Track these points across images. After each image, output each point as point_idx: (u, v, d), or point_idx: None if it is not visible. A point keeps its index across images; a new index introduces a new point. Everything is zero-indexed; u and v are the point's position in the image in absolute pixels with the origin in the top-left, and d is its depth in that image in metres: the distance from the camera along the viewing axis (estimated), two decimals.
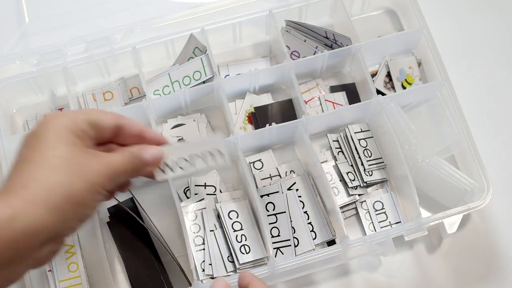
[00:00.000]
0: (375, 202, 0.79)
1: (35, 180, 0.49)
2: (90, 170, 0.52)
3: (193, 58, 0.84)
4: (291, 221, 0.77)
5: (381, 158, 0.82)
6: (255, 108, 0.84)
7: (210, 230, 0.76)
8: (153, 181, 0.81)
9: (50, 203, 0.49)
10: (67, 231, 0.52)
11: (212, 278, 0.74)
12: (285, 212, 0.77)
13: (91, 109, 0.57)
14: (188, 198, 0.79)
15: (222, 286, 0.56)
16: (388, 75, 0.87)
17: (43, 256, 0.52)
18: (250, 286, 0.55)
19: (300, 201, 0.78)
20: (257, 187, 0.79)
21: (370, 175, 0.80)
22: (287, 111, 0.84)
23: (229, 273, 0.74)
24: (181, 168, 0.56)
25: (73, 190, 0.50)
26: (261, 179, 0.80)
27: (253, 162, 0.82)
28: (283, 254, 0.76)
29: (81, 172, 0.51)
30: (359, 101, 0.85)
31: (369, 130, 0.83)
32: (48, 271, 0.75)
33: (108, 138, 0.59)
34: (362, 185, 0.80)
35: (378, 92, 0.84)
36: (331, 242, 0.77)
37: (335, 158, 0.82)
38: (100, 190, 0.52)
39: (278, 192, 0.78)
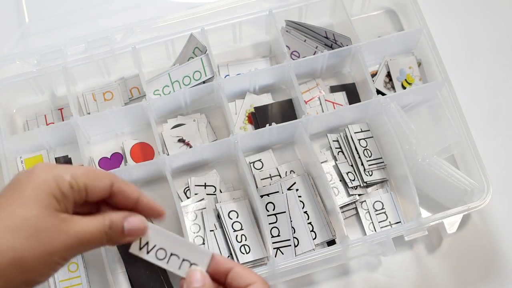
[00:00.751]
0: (375, 202, 0.79)
1: None
2: (54, 240, 0.48)
3: (193, 58, 0.84)
4: (291, 221, 0.77)
5: (381, 158, 0.82)
6: (255, 108, 0.84)
7: (210, 230, 0.76)
8: (153, 181, 0.82)
9: None
10: None
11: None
12: (285, 212, 0.77)
13: (88, 170, 0.52)
14: (188, 198, 0.79)
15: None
16: (388, 75, 0.87)
17: None
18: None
19: (300, 201, 0.78)
20: (257, 187, 0.79)
21: (370, 175, 0.80)
22: (287, 111, 0.84)
23: None
24: (156, 256, 0.54)
25: (25, 257, 0.47)
26: (261, 179, 0.80)
27: (253, 162, 0.82)
28: (283, 254, 0.76)
29: (42, 240, 0.48)
30: (359, 101, 0.85)
31: (369, 130, 0.83)
32: None
33: (99, 200, 0.54)
34: (362, 185, 0.80)
35: (378, 92, 0.84)
36: (331, 242, 0.77)
37: (335, 158, 0.82)
38: (57, 260, 0.49)
39: (278, 192, 0.78)
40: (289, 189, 0.79)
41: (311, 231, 0.77)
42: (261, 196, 0.78)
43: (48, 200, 0.49)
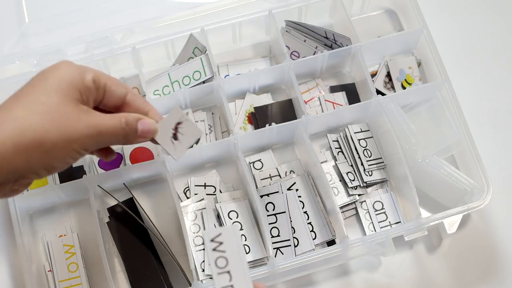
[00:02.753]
0: (375, 202, 0.79)
1: (13, 119, 0.50)
2: (74, 126, 0.52)
3: (192, 58, 0.84)
4: (291, 221, 0.77)
5: (381, 158, 0.82)
6: (255, 108, 0.84)
7: None
8: (153, 181, 0.82)
9: (18, 145, 0.49)
10: (31, 175, 0.53)
11: (212, 278, 0.74)
12: (285, 212, 0.77)
13: (108, 76, 0.57)
14: (188, 198, 0.79)
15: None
16: (388, 75, 0.87)
17: (6, 191, 0.53)
18: None
19: (300, 201, 0.78)
20: (257, 187, 0.79)
21: (370, 175, 0.80)
22: (287, 111, 0.84)
23: None
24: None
25: (44, 139, 0.50)
26: (261, 179, 0.80)
27: (253, 162, 0.82)
28: (283, 254, 0.76)
29: (62, 125, 0.51)
30: (359, 101, 0.85)
31: (369, 130, 0.83)
32: (48, 271, 0.75)
33: (110, 108, 0.59)
34: (362, 185, 0.80)
35: (378, 92, 0.84)
36: (331, 242, 0.77)
37: (335, 158, 0.82)
38: (77, 148, 0.52)
39: (278, 192, 0.78)
40: (289, 189, 0.79)
41: (311, 231, 0.77)
42: (261, 196, 0.78)
43: (71, 91, 0.53)
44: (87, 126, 0.53)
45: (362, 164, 0.80)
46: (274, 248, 0.76)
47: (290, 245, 0.76)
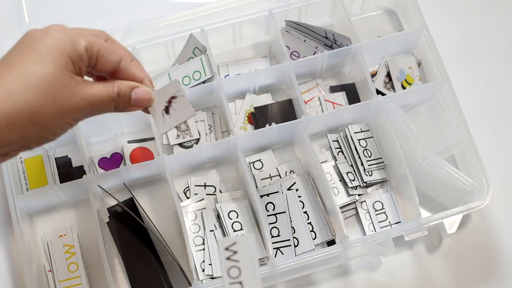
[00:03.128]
0: (375, 202, 0.79)
1: (7, 93, 0.48)
2: (67, 99, 0.51)
3: (192, 58, 0.84)
4: (291, 221, 0.77)
5: (381, 158, 0.82)
6: (255, 108, 0.84)
7: (210, 230, 0.76)
8: (153, 181, 0.82)
9: (13, 121, 0.48)
10: (23, 148, 0.52)
11: (212, 278, 0.74)
12: (285, 212, 0.77)
13: (101, 43, 0.55)
14: (188, 198, 0.79)
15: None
16: (388, 75, 0.87)
17: None
18: None
19: (300, 201, 0.78)
20: (257, 187, 0.79)
21: (370, 175, 0.80)
22: (287, 111, 0.84)
23: None
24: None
25: (40, 114, 0.49)
26: (261, 179, 0.80)
27: (253, 162, 0.82)
28: (283, 254, 0.76)
29: (56, 98, 0.50)
30: (359, 101, 0.85)
31: (369, 130, 0.83)
32: (48, 271, 0.75)
33: (103, 73, 0.57)
34: (362, 185, 0.80)
35: (378, 92, 0.84)
36: (331, 242, 0.77)
37: (335, 158, 0.82)
38: (69, 121, 0.52)
39: (278, 192, 0.78)
40: (289, 189, 0.79)
41: (311, 231, 0.77)
42: (261, 196, 0.78)
43: (64, 60, 0.51)
44: (81, 99, 0.52)
45: (362, 164, 0.80)
46: (274, 248, 0.76)
47: (290, 245, 0.76)
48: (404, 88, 0.86)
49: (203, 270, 0.74)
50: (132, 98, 0.56)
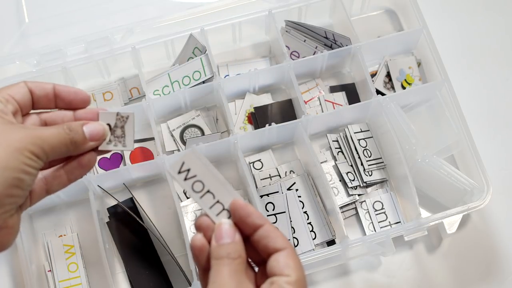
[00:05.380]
0: (375, 202, 0.79)
1: None
2: (11, 138, 0.49)
3: (192, 58, 0.84)
4: (291, 221, 0.77)
5: (381, 158, 0.82)
6: (255, 108, 0.84)
7: None
8: (153, 181, 0.82)
9: None
10: (8, 199, 0.49)
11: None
12: (284, 212, 0.77)
13: (2, 87, 0.54)
14: (188, 198, 0.79)
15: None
16: (388, 75, 0.87)
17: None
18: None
19: (300, 201, 0.78)
20: (257, 187, 0.79)
21: (370, 175, 0.80)
22: (286, 111, 0.84)
23: None
24: (192, 187, 0.54)
25: None
26: (261, 179, 0.80)
27: (253, 162, 0.82)
28: None
29: (0, 141, 0.48)
30: (358, 101, 0.85)
31: (368, 130, 0.83)
32: (48, 271, 0.75)
33: (44, 106, 0.56)
34: (361, 185, 0.80)
35: (378, 92, 0.84)
36: (331, 242, 0.77)
37: (334, 158, 0.82)
38: (27, 154, 0.49)
39: (278, 192, 0.78)
40: (289, 189, 0.79)
41: (310, 231, 0.77)
42: (261, 196, 0.78)
43: None
44: (29, 135, 0.50)
45: (362, 164, 0.80)
46: None
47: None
48: (404, 88, 0.86)
49: None
50: (85, 132, 0.54)
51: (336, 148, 0.83)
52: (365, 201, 0.80)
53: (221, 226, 0.49)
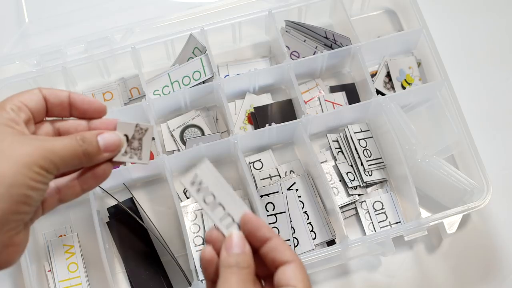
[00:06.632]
0: (375, 202, 0.79)
1: None
2: (20, 152, 0.48)
3: (192, 58, 0.84)
4: (291, 221, 0.77)
5: (381, 158, 0.82)
6: (255, 108, 0.84)
7: None
8: (153, 181, 0.82)
9: None
10: (14, 215, 0.47)
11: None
12: (284, 212, 0.77)
13: (16, 94, 0.53)
14: (188, 198, 0.79)
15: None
16: (388, 75, 0.87)
17: (4, 255, 0.48)
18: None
19: (300, 201, 0.78)
20: (257, 187, 0.79)
21: (370, 175, 0.80)
22: (286, 111, 0.84)
23: None
24: (203, 199, 0.53)
25: (2, 173, 0.46)
26: (261, 179, 0.80)
27: (253, 162, 0.82)
28: None
29: (6, 156, 0.47)
30: (358, 101, 0.85)
31: (368, 130, 0.83)
32: (48, 271, 0.75)
33: (58, 114, 0.55)
34: (361, 185, 0.80)
35: (378, 92, 0.84)
36: (331, 242, 0.77)
37: (334, 158, 0.82)
38: (36, 169, 0.48)
39: (278, 192, 0.78)
40: (289, 189, 0.79)
41: (311, 231, 0.77)
42: (261, 196, 0.78)
43: (2, 129, 0.49)
44: (38, 148, 0.49)
45: (362, 164, 0.80)
46: None
47: (290, 245, 0.76)
48: (404, 88, 0.86)
49: None
50: (100, 143, 0.52)
51: (336, 148, 0.83)
52: (365, 201, 0.80)
53: (232, 236, 0.49)
